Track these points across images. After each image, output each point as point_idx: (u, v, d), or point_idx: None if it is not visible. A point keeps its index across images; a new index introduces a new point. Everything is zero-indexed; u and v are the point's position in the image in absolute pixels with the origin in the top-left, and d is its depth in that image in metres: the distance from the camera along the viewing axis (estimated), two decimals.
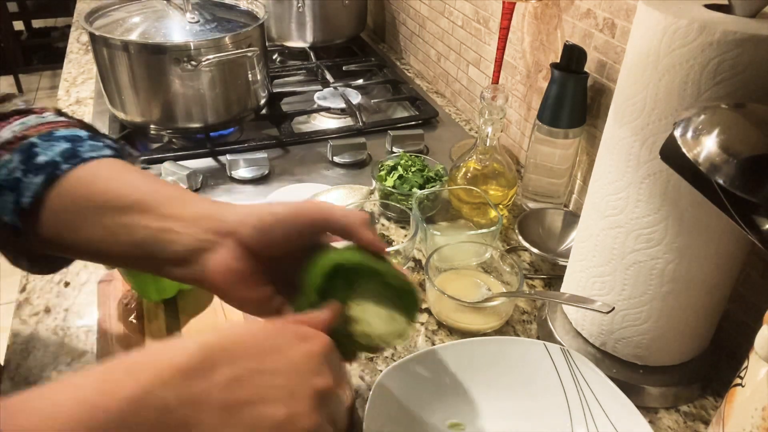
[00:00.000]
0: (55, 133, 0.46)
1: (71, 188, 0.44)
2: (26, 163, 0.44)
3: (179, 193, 0.45)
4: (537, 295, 0.70)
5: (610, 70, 0.75)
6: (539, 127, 0.80)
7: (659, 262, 0.52)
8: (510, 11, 0.85)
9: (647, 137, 0.49)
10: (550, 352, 0.56)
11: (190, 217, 0.43)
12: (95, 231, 0.44)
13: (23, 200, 0.43)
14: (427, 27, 1.27)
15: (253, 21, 1.00)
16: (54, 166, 0.44)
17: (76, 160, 0.44)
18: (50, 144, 0.45)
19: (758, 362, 0.41)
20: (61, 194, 0.44)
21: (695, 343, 0.58)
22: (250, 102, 1.02)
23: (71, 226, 0.44)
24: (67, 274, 0.73)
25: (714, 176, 0.38)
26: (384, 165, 0.88)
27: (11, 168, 0.44)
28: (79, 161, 0.44)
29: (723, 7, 0.47)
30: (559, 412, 0.55)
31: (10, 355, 0.61)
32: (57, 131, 0.46)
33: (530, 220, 0.79)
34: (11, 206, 0.44)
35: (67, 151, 0.45)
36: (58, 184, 0.44)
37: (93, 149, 0.46)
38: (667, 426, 0.57)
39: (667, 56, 0.45)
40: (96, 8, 0.98)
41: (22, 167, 0.44)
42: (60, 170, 0.44)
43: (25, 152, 0.44)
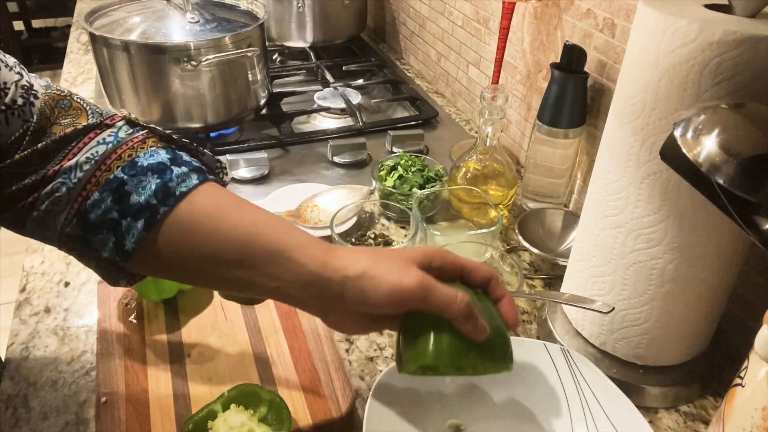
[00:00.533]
0: (138, 162, 0.45)
1: (173, 234, 0.44)
2: (120, 204, 0.44)
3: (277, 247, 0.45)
4: (537, 295, 0.70)
5: (610, 70, 0.75)
6: (539, 127, 0.80)
7: (659, 262, 0.52)
8: (510, 11, 0.85)
9: (647, 137, 0.49)
10: (550, 352, 0.56)
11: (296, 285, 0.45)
12: (210, 278, 0.46)
13: (125, 244, 0.44)
14: (427, 27, 1.27)
15: (253, 21, 1.00)
16: (152, 210, 0.44)
17: (171, 201, 0.44)
18: (139, 180, 0.44)
19: (758, 362, 0.41)
20: (165, 241, 0.44)
21: (695, 343, 0.58)
22: (250, 102, 1.02)
23: (182, 268, 0.46)
24: (67, 274, 0.73)
25: (714, 176, 0.38)
26: (384, 165, 0.88)
27: (105, 208, 0.44)
28: (174, 201, 0.44)
29: (723, 7, 0.47)
30: (559, 412, 0.55)
31: (10, 355, 0.61)
32: (139, 159, 0.45)
33: (530, 220, 0.79)
34: (112, 246, 0.44)
35: (159, 189, 0.44)
36: (160, 229, 0.44)
37: (181, 180, 0.45)
38: (667, 426, 0.57)
39: (667, 56, 0.45)
40: (96, 8, 0.98)
41: (116, 207, 0.44)
42: (159, 214, 0.44)
43: (116, 192, 0.44)
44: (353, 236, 0.79)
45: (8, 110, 0.43)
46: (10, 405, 0.56)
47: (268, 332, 0.62)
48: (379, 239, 0.79)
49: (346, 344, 0.64)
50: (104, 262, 0.46)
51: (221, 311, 0.64)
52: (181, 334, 0.61)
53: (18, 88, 0.44)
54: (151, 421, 0.52)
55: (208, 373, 0.57)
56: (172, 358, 0.58)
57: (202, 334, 0.61)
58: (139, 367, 0.57)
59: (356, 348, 0.64)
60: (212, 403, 0.51)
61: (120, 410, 0.53)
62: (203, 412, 0.50)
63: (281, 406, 0.50)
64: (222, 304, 0.65)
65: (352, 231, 0.80)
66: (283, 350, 0.60)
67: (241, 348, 0.60)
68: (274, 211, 0.82)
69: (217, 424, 0.49)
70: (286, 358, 0.59)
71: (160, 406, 0.53)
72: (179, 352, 0.59)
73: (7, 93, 0.43)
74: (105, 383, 0.55)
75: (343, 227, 0.78)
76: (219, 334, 0.61)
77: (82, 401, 0.57)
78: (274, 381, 0.56)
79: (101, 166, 0.44)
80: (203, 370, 0.57)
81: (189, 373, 0.57)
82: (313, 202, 0.84)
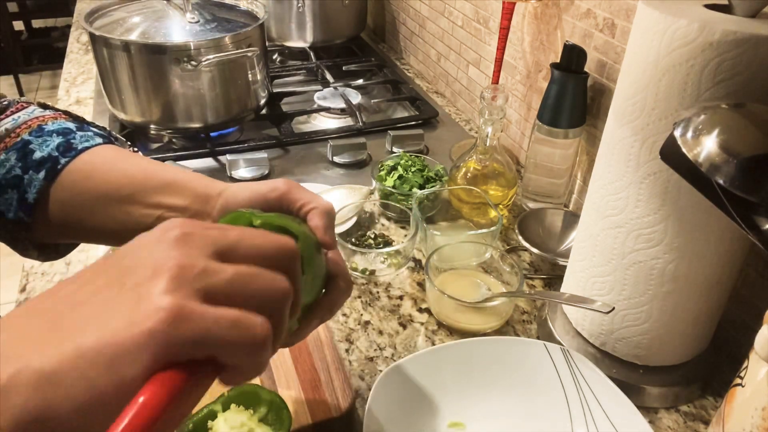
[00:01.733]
0: (45, 128, 0.48)
1: (72, 181, 0.46)
2: (24, 161, 0.46)
3: (173, 178, 0.47)
4: (537, 295, 0.70)
5: (610, 70, 0.75)
6: (539, 127, 0.80)
7: (659, 262, 0.52)
8: (510, 11, 0.85)
9: (647, 137, 0.49)
10: (550, 352, 0.56)
11: (182, 205, 0.46)
12: (101, 219, 0.46)
13: (28, 196, 0.45)
14: (427, 27, 1.27)
15: (253, 21, 1.00)
16: (53, 161, 0.46)
17: (72, 153, 0.46)
18: (43, 139, 0.47)
19: (758, 362, 0.41)
20: (63, 187, 0.46)
21: (695, 343, 0.58)
22: (250, 102, 1.02)
23: (77, 216, 0.47)
24: (67, 274, 0.73)
25: (714, 176, 0.38)
26: (384, 165, 0.88)
27: (9, 166, 0.46)
28: (75, 153, 0.46)
29: (723, 7, 0.47)
30: (559, 412, 0.55)
31: None
32: (46, 125, 0.48)
33: (530, 220, 0.79)
34: (15, 203, 0.46)
35: (62, 144, 0.47)
36: (59, 178, 0.46)
37: (85, 139, 0.48)
38: (667, 426, 0.57)
39: (667, 56, 0.45)
40: (96, 8, 0.98)
41: (20, 164, 0.46)
42: (59, 164, 0.46)
43: (20, 150, 0.46)
44: (353, 236, 0.79)
45: None
46: None
47: None
48: (379, 239, 0.79)
49: (346, 344, 0.64)
50: (10, 227, 0.47)
51: None
52: None
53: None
54: None
55: None
56: None
57: None
58: None
59: (356, 348, 0.64)
60: (212, 403, 0.51)
61: None
62: (203, 412, 0.50)
63: (281, 406, 0.50)
64: None
65: (352, 231, 0.80)
66: (283, 350, 0.60)
67: None
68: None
69: (217, 424, 0.49)
70: (286, 358, 0.59)
71: None
72: None
73: None
74: None
75: (343, 227, 0.78)
76: None
77: None
78: (274, 381, 0.56)
79: (11, 134, 0.47)
80: None
81: None
82: None
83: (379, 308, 0.69)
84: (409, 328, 0.67)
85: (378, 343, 0.65)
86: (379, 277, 0.74)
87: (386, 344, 0.65)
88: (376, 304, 0.70)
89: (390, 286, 0.73)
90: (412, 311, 0.69)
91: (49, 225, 0.47)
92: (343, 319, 0.68)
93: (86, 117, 0.54)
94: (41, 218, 0.46)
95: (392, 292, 0.72)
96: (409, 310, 0.69)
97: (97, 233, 0.48)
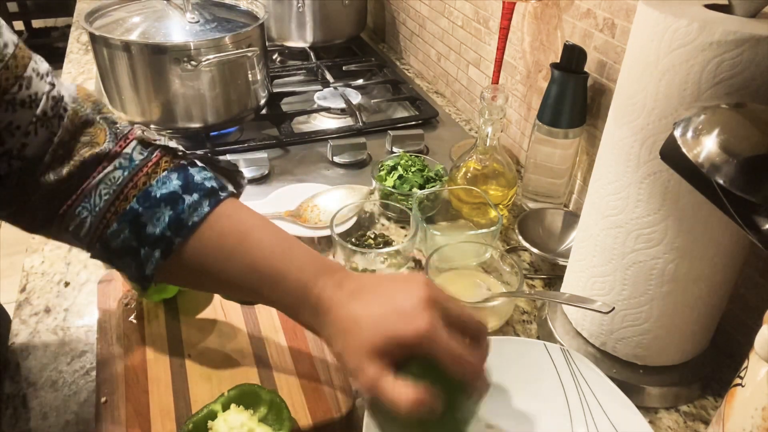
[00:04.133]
0: (152, 194, 0.47)
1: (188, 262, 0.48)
2: (137, 235, 0.47)
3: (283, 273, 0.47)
4: (537, 295, 0.70)
5: (610, 70, 0.75)
6: (539, 127, 0.80)
7: (659, 262, 0.52)
8: (510, 11, 0.85)
9: (647, 137, 0.49)
10: (550, 352, 0.56)
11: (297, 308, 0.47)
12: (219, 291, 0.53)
13: (146, 270, 0.47)
14: (427, 27, 1.27)
15: (253, 21, 1.00)
16: (167, 241, 0.47)
17: (184, 231, 0.47)
18: (153, 213, 0.47)
19: (758, 362, 0.41)
20: (180, 266, 0.48)
21: (695, 343, 0.58)
22: (250, 102, 1.02)
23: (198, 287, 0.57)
24: (67, 273, 0.73)
25: (714, 176, 0.38)
26: (384, 165, 0.88)
27: (124, 238, 0.47)
28: (187, 231, 0.47)
29: (723, 7, 0.47)
30: (559, 412, 0.55)
31: (10, 355, 0.61)
32: (152, 189, 0.47)
33: (530, 220, 0.79)
34: (134, 270, 0.48)
35: (172, 221, 0.47)
36: (174, 258, 0.47)
37: (193, 209, 0.48)
38: (667, 426, 0.57)
39: (667, 56, 0.45)
40: (96, 8, 0.98)
41: (134, 238, 0.47)
42: (173, 244, 0.47)
43: (132, 223, 0.47)
44: (353, 236, 0.79)
45: (38, 121, 0.45)
46: (10, 405, 0.56)
47: (268, 332, 0.62)
48: (379, 239, 0.79)
49: None
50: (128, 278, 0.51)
51: (221, 311, 0.64)
52: (181, 334, 0.61)
53: (49, 100, 0.45)
54: (151, 421, 0.52)
55: (208, 373, 0.57)
56: (172, 358, 0.58)
57: (202, 334, 0.61)
58: (139, 367, 0.57)
59: None
60: (212, 403, 0.51)
61: (120, 410, 0.53)
62: (203, 412, 0.50)
63: (281, 406, 0.50)
64: (222, 304, 0.65)
65: (352, 231, 0.80)
66: (283, 350, 0.60)
67: (241, 348, 0.60)
68: (274, 212, 0.82)
69: (217, 424, 0.49)
70: (286, 358, 0.59)
71: (160, 406, 0.53)
72: (179, 352, 0.59)
73: (39, 104, 0.45)
74: (105, 383, 0.55)
75: (343, 227, 0.78)
76: (219, 334, 0.61)
77: (82, 401, 0.57)
78: (274, 381, 0.56)
79: (119, 195, 0.47)
80: (203, 370, 0.57)
81: (189, 373, 0.57)
82: (313, 202, 0.84)
83: None
84: None
85: None
86: None
87: None
88: None
89: None
90: None
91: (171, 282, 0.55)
92: None
93: None
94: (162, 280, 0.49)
95: None
96: None
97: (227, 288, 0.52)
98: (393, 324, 0.40)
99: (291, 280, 0.46)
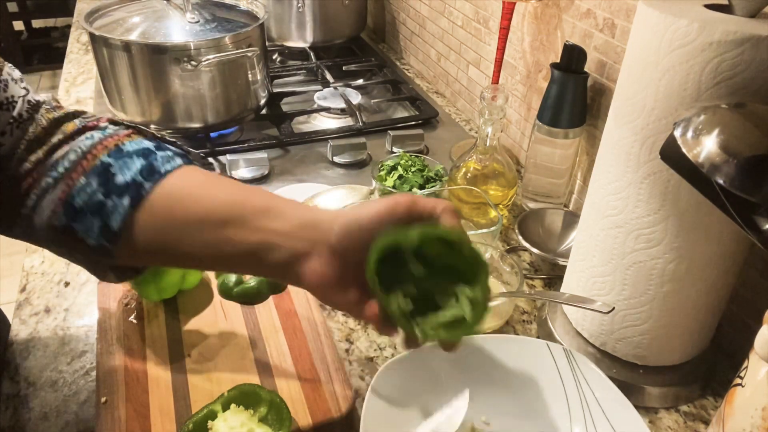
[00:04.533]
0: (123, 148, 0.46)
1: (161, 207, 0.45)
2: (106, 186, 0.44)
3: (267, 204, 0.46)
4: (537, 295, 0.70)
5: (610, 70, 0.75)
6: (539, 127, 0.80)
7: (659, 262, 0.52)
8: (510, 11, 0.85)
9: (647, 137, 0.49)
10: (552, 352, 0.56)
11: (286, 231, 0.45)
12: (193, 244, 0.45)
13: (112, 224, 0.44)
14: (427, 27, 1.27)
15: (253, 21, 1.00)
16: (137, 186, 0.44)
17: (156, 176, 0.45)
18: (124, 162, 0.45)
19: (758, 362, 0.41)
20: (151, 213, 0.44)
21: (695, 343, 0.58)
22: (250, 102, 1.02)
23: (166, 242, 0.46)
24: (67, 274, 0.73)
25: (714, 176, 0.38)
26: (384, 165, 0.88)
27: (90, 192, 0.44)
28: (159, 176, 0.45)
29: (723, 7, 0.47)
30: (559, 412, 0.55)
31: (10, 355, 0.61)
32: (124, 145, 0.46)
33: (530, 220, 0.79)
34: (98, 230, 0.44)
35: (144, 168, 0.45)
36: (145, 204, 0.44)
37: (166, 160, 0.46)
38: (667, 426, 0.57)
39: (667, 56, 0.45)
40: (96, 8, 0.98)
41: (102, 189, 0.44)
42: (144, 189, 0.44)
43: (101, 174, 0.44)
44: None
45: (15, 122, 0.45)
46: (10, 405, 0.56)
47: (268, 332, 0.62)
48: None
49: (346, 344, 0.64)
50: (91, 252, 0.46)
51: (221, 311, 0.64)
52: (181, 334, 0.61)
53: (24, 103, 0.46)
54: (151, 421, 0.52)
55: (208, 373, 0.57)
56: (172, 358, 0.58)
57: (202, 334, 0.61)
58: (139, 367, 0.57)
59: (356, 348, 0.64)
60: (212, 403, 0.51)
61: (120, 410, 0.53)
62: (203, 412, 0.50)
63: (281, 406, 0.50)
64: (222, 304, 0.65)
65: None
66: (283, 350, 0.60)
67: (241, 348, 0.60)
68: None
69: (217, 424, 0.49)
70: (286, 358, 0.59)
71: (160, 406, 0.53)
72: (179, 352, 0.59)
73: (15, 106, 0.45)
74: (105, 383, 0.55)
75: None
76: (219, 334, 0.61)
77: (82, 401, 0.57)
78: (274, 381, 0.56)
79: (87, 155, 0.45)
80: (203, 370, 0.57)
81: (189, 373, 0.57)
82: (313, 203, 0.84)
83: None
84: None
85: (378, 343, 0.65)
86: None
87: (386, 344, 0.65)
88: None
89: None
90: None
91: (133, 251, 0.46)
92: (343, 319, 0.68)
93: None
94: (126, 246, 0.45)
95: None
96: None
97: (188, 258, 0.47)
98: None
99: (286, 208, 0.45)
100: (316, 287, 0.45)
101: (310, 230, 0.45)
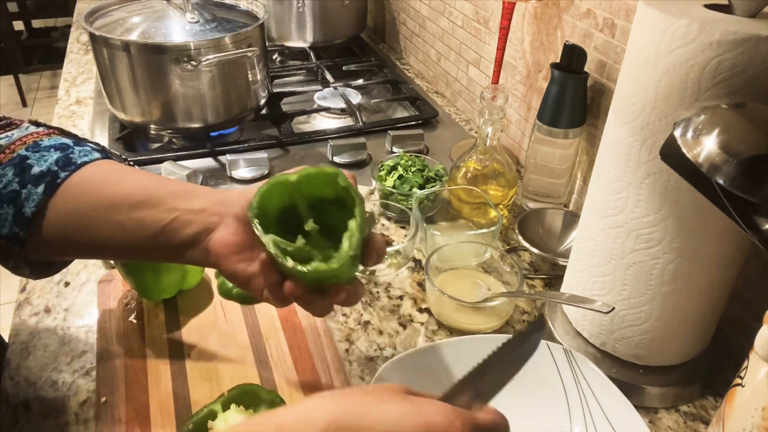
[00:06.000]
0: (41, 144, 0.47)
1: (76, 193, 0.46)
2: (21, 176, 0.45)
3: (184, 188, 0.48)
4: (537, 295, 0.70)
5: (610, 70, 0.75)
6: (539, 127, 0.80)
7: (659, 262, 0.52)
8: (510, 11, 0.85)
9: (647, 137, 0.49)
10: (552, 352, 0.56)
11: (201, 208, 0.46)
12: (107, 229, 0.46)
13: (25, 211, 0.45)
14: (427, 27, 1.27)
15: (253, 21, 1.00)
16: (52, 175, 0.45)
17: (72, 167, 0.46)
18: (41, 155, 0.46)
19: (758, 362, 0.41)
20: (65, 200, 0.45)
21: (695, 343, 0.58)
22: (250, 102, 1.02)
23: (81, 228, 0.46)
24: (67, 274, 0.73)
25: (714, 176, 0.38)
26: (384, 165, 0.88)
27: (6, 182, 0.45)
28: (75, 167, 0.46)
29: (723, 7, 0.47)
30: (559, 411, 0.55)
31: (10, 355, 0.61)
32: (42, 141, 0.48)
33: (530, 220, 0.79)
34: (11, 218, 0.45)
35: (60, 159, 0.46)
36: (59, 191, 0.45)
37: (83, 154, 0.48)
38: (667, 426, 0.57)
39: (667, 56, 0.45)
40: (96, 8, 0.98)
41: (17, 179, 0.45)
42: (59, 178, 0.45)
43: (17, 165, 0.46)
44: None
45: None
46: (10, 405, 0.56)
47: (268, 332, 0.62)
48: None
49: (346, 344, 0.64)
50: (3, 243, 0.46)
51: (221, 311, 0.64)
52: (181, 334, 0.61)
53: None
54: (151, 421, 0.52)
55: (208, 373, 0.57)
56: (172, 358, 0.58)
57: (202, 334, 0.61)
58: (139, 367, 0.57)
59: (356, 348, 0.64)
60: (212, 403, 0.51)
61: (120, 410, 0.53)
62: (203, 412, 0.51)
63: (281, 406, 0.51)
64: (222, 304, 0.65)
65: None
66: (283, 350, 0.60)
67: (241, 348, 0.60)
68: None
69: (217, 424, 0.49)
70: (286, 358, 0.59)
71: (160, 406, 0.53)
72: (179, 352, 0.59)
73: None
74: (105, 383, 0.55)
75: None
76: (219, 334, 0.61)
77: (82, 401, 0.57)
78: (274, 381, 0.56)
79: (5, 150, 0.46)
80: (203, 370, 0.57)
81: (189, 373, 0.57)
82: None
83: (379, 308, 0.69)
84: (409, 328, 0.67)
85: (378, 343, 0.65)
86: (379, 277, 0.74)
87: (386, 344, 0.65)
88: (376, 304, 0.70)
89: (390, 286, 0.73)
90: (412, 311, 0.69)
91: (46, 241, 0.46)
92: (343, 319, 0.68)
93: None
94: (38, 233, 0.46)
95: (392, 292, 0.72)
96: (409, 310, 0.69)
97: (99, 246, 0.48)
98: None
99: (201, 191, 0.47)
100: (220, 256, 0.46)
101: (222, 206, 0.47)
